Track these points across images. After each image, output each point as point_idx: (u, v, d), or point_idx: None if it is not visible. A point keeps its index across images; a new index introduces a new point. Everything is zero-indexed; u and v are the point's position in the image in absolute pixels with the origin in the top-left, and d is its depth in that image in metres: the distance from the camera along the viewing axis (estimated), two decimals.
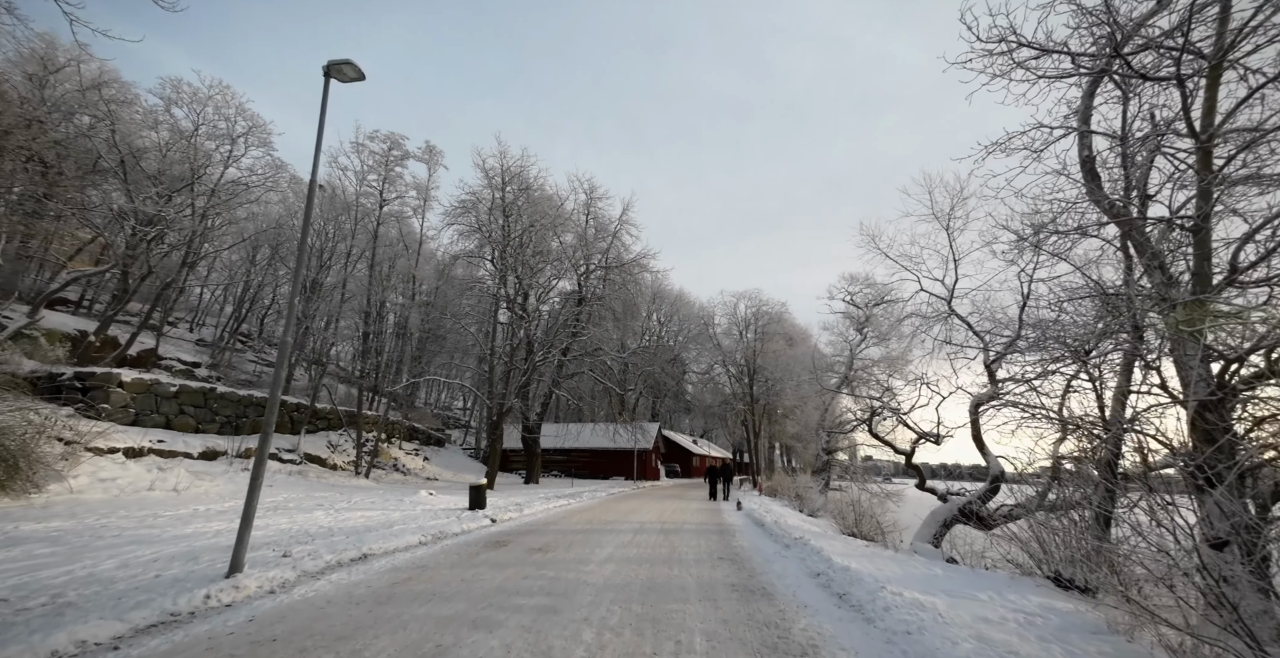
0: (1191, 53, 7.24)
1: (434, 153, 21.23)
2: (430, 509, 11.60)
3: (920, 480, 12.31)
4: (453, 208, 22.95)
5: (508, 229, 22.70)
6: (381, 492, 15.87)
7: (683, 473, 43.56)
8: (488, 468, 21.33)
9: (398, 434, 27.46)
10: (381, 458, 24.43)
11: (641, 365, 26.93)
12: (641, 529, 10.15)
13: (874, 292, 24.67)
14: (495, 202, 22.97)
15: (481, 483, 12.10)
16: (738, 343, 28.96)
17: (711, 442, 58.74)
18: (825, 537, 10.29)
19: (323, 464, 19.55)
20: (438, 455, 30.38)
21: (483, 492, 12.07)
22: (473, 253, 23.88)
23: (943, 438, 11.09)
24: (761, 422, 27.88)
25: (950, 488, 12.28)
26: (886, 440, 12.41)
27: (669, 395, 44.43)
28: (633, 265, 27.62)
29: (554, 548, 7.49)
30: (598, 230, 27.35)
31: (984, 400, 11.39)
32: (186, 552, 5.82)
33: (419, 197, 21.05)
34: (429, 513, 10.83)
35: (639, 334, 34.50)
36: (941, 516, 11.58)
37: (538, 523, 10.62)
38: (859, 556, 7.63)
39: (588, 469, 33.89)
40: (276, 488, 14.29)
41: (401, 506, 12.25)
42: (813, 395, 32.78)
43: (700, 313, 38.03)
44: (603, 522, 11.20)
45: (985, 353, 11.89)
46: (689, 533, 9.94)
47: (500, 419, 21.33)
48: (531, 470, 26.40)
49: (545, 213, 23.11)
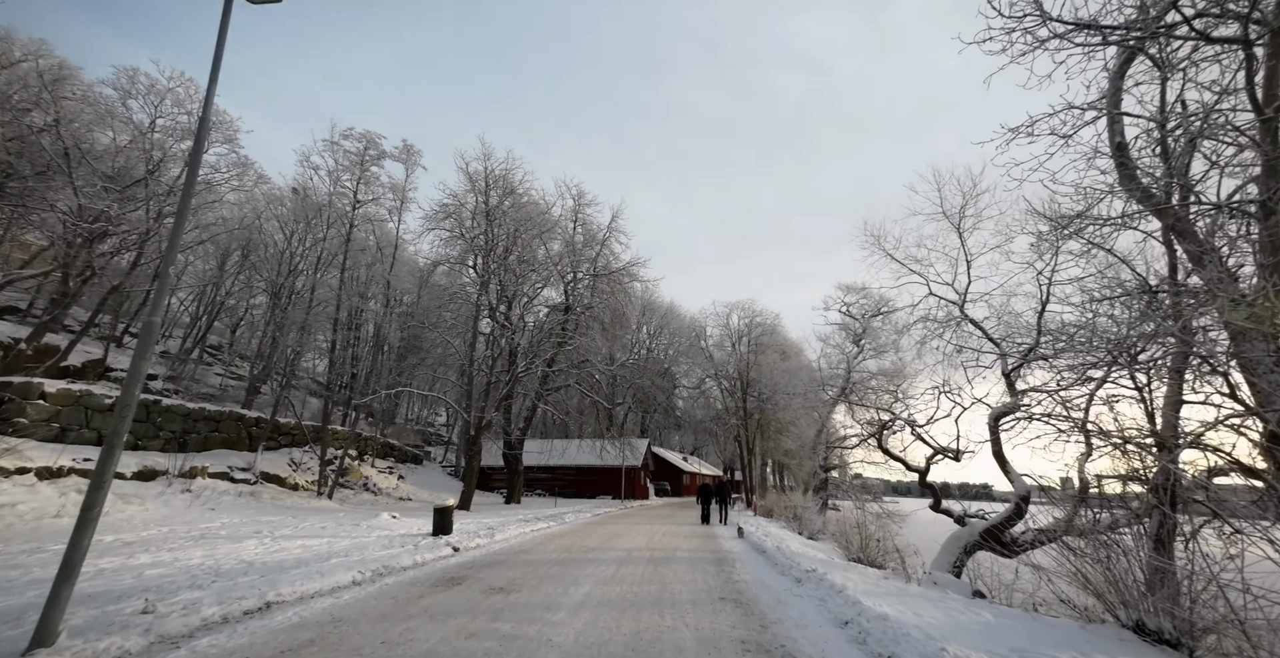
0: (1255, 21, 6.39)
1: (412, 152, 20.16)
2: (387, 535, 10.11)
3: (935, 501, 11.10)
4: (433, 212, 21.82)
5: (491, 235, 21.56)
6: (342, 515, 14.26)
7: (673, 491, 41.82)
8: (464, 487, 19.71)
9: (370, 451, 25.69)
10: (351, 477, 22.67)
11: (631, 378, 25.64)
12: (627, 559, 8.77)
13: (871, 303, 23.75)
14: (478, 206, 21.87)
15: (449, 504, 10.65)
16: (730, 355, 27.80)
17: (702, 459, 57.08)
18: (836, 566, 8.99)
19: (282, 484, 17.84)
20: (414, 474, 28.55)
21: (449, 515, 10.61)
22: (454, 259, 22.65)
23: (963, 453, 9.94)
24: (755, 437, 26.57)
25: (967, 509, 11.07)
26: (898, 456, 11.23)
27: (659, 410, 42.98)
28: (622, 274, 26.55)
29: (519, 587, 6.11)
30: (586, 238, 26.34)
31: (1004, 413, 10.29)
32: (18, 607, 4.39)
33: (395, 198, 19.88)
34: (383, 540, 9.35)
35: (628, 348, 33.25)
36: (962, 541, 10.34)
37: (508, 552, 9.18)
38: (884, 593, 6.35)
39: (573, 488, 32.15)
40: (219, 512, 12.65)
41: (356, 531, 10.73)
42: (807, 410, 31.63)
43: (691, 325, 36.94)
44: (583, 550, 9.79)
45: (1003, 361, 10.85)
46: (682, 563, 8.58)
47: (478, 434, 19.81)
48: (513, 489, 24.75)
49: (531, 218, 22.05)
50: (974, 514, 10.98)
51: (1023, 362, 10.66)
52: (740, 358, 27.22)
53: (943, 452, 10.01)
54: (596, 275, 24.84)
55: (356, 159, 19.19)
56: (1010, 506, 9.82)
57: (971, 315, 11.68)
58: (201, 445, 16.52)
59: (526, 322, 25.15)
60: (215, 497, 13.82)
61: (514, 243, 22.47)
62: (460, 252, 22.56)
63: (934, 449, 10.29)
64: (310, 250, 19.88)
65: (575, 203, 25.31)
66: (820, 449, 21.79)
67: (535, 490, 31.89)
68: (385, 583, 6.05)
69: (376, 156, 19.44)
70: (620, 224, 26.76)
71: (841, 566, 9.82)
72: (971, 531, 10.33)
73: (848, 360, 23.13)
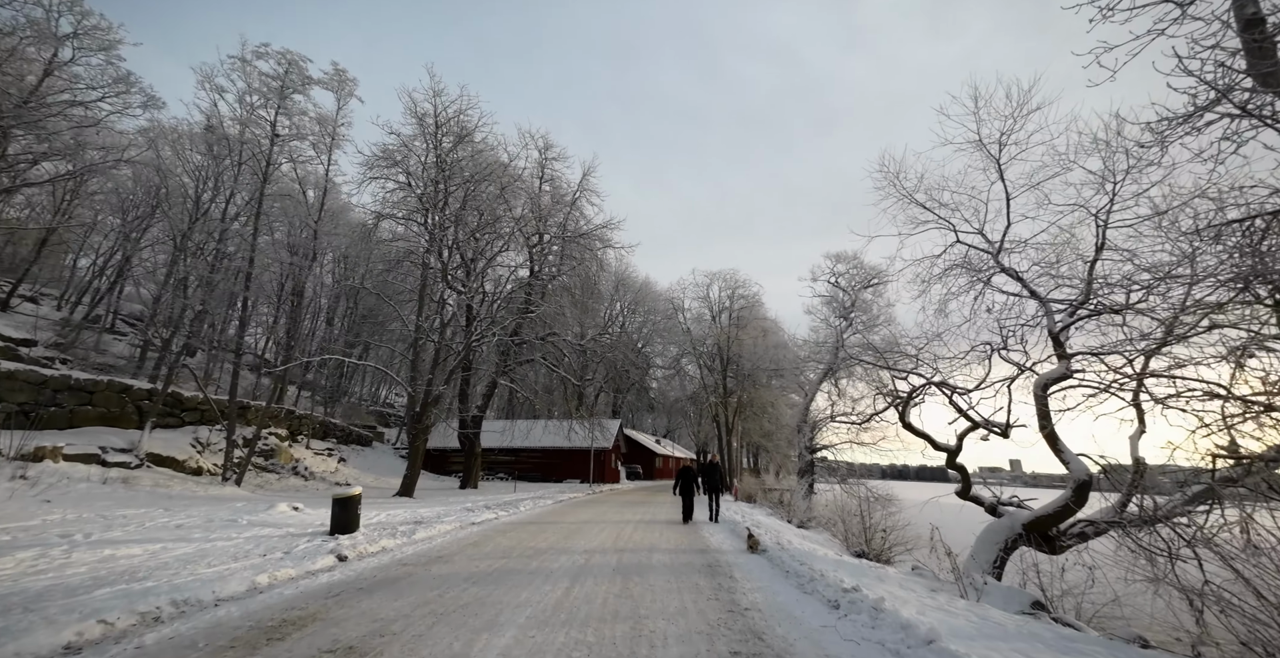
0: None
1: (345, 80, 16.73)
2: (262, 537, 7.36)
3: (965, 485, 9.01)
4: (375, 157, 18.45)
5: (442, 188, 18.42)
6: (241, 504, 11.27)
7: (645, 474, 39.77)
8: (406, 471, 16.89)
9: (306, 431, 22.47)
10: (279, 460, 19.53)
11: (603, 353, 23.06)
12: (585, 569, 6.30)
13: (862, 274, 21.78)
14: (429, 153, 18.64)
15: (352, 494, 7.93)
16: (710, 329, 25.50)
17: (675, 442, 55.32)
18: (865, 572, 6.75)
19: (179, 467, 14.67)
20: (360, 457, 25.46)
21: (352, 507, 7.91)
22: (401, 215, 19.40)
23: (1012, 428, 7.80)
24: (735, 417, 24.47)
25: (1000, 496, 9.02)
26: (923, 433, 9.05)
27: (632, 390, 40.66)
28: (593, 239, 23.74)
29: (386, 644, 3.54)
30: (555, 198, 23.36)
31: (1053, 379, 8.18)
32: None
33: (324, 132, 16.45)
34: (249, 545, 6.62)
35: (601, 323, 30.55)
36: (1001, 535, 8.28)
37: (422, 559, 6.58)
38: (944, 613, 4.08)
39: (539, 471, 29.60)
40: (57, 504, 9.57)
41: (229, 529, 7.92)
42: (784, 391, 29.76)
43: (668, 302, 34.23)
44: (529, 553, 7.27)
45: (1048, 318, 8.73)
46: (661, 573, 6.17)
47: (425, 410, 16.95)
48: (469, 473, 22.02)
49: (489, 170, 18.97)
50: (1008, 502, 8.94)
51: (1076, 318, 8.56)
52: (721, 331, 24.94)
53: (987, 426, 7.87)
54: (565, 238, 21.98)
55: (275, 85, 15.70)
56: (1066, 492, 7.75)
57: (1009, 266, 9.51)
58: (67, 421, 13.21)
59: (486, 289, 22.17)
60: (65, 484, 10.69)
61: (470, 198, 19.38)
62: (408, 207, 19.32)
63: (972, 422, 8.14)
64: (220, 194, 16.39)
65: (541, 155, 22.33)
66: (805, 430, 19.80)
67: (497, 474, 29.21)
68: (140, 643, 3.37)
69: (300, 83, 15.99)
70: (593, 183, 23.93)
71: (856, 566, 7.61)
72: (1012, 523, 8.27)
73: (836, 334, 21.14)
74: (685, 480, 11.98)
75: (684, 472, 12.06)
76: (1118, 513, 8.38)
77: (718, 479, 12.26)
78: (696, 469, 12.45)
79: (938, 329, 10.15)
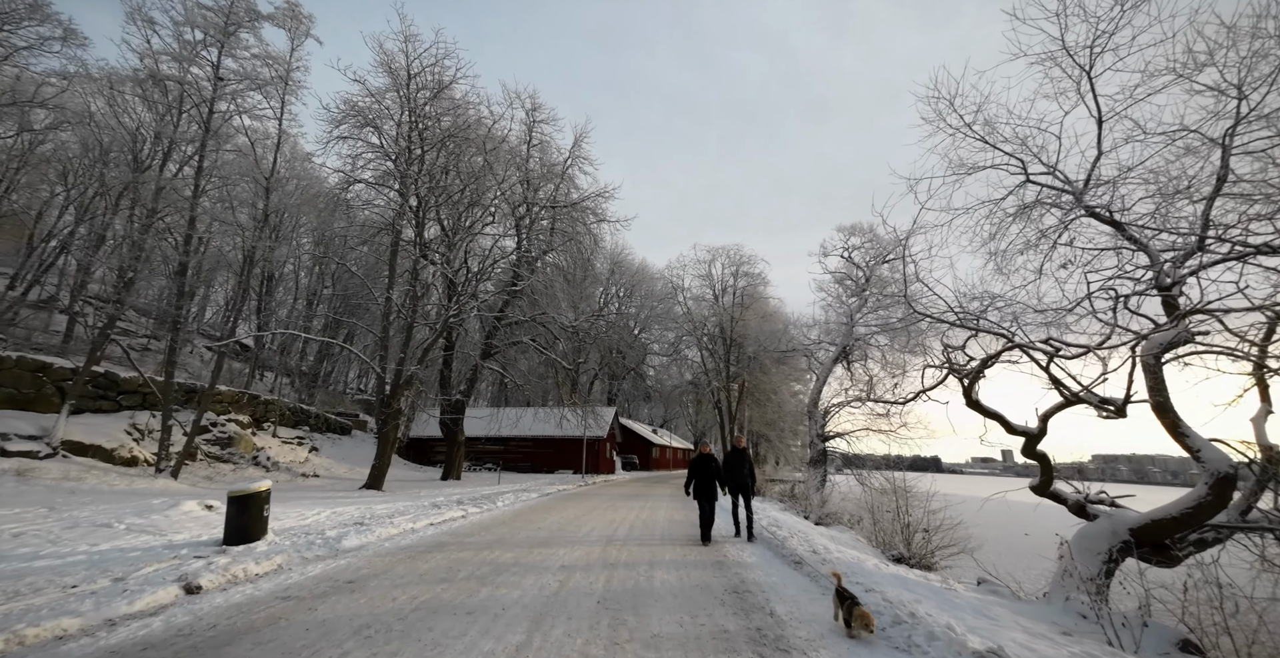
0: None
1: (299, 16, 14.38)
2: (122, 549, 5.31)
3: (1045, 479, 7.03)
4: (341, 113, 16.16)
5: (418, 146, 16.19)
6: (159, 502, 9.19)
7: (641, 465, 37.90)
8: (375, 461, 14.85)
9: (273, 417, 20.36)
10: (238, 449, 17.43)
11: (597, 335, 20.99)
12: (553, 604, 4.26)
13: (877, 248, 19.74)
14: (403, 110, 16.37)
15: (255, 490, 5.87)
16: (712, 309, 23.43)
17: (673, 432, 53.51)
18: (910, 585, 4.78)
19: (106, 457, 12.57)
20: (336, 446, 23.39)
21: (254, 506, 5.87)
22: (372, 179, 17.14)
23: (1128, 404, 5.79)
24: (740, 404, 22.48)
25: (1087, 492, 7.05)
26: (994, 412, 7.05)
27: (628, 377, 38.62)
28: (586, 212, 21.56)
29: None
30: (544, 165, 21.11)
31: (1168, 344, 6.17)
32: None
33: (275, 73, 14.12)
34: (86, 566, 4.58)
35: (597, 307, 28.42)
36: (1103, 543, 6.30)
37: (328, 581, 4.54)
38: None
39: (529, 461, 27.62)
40: None
41: (94, 536, 5.89)
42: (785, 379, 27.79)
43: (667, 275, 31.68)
44: (485, 570, 5.24)
45: (1155, 270, 6.70)
46: (667, 605, 4.15)
47: (395, 394, 14.86)
48: (450, 464, 20.02)
49: (467, 122, 16.75)
50: (1096, 499, 6.97)
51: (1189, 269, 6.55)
52: (724, 311, 22.88)
53: (1100, 405, 5.86)
54: (556, 206, 19.81)
55: (218, 20, 13.37)
56: (1199, 490, 5.78)
57: (1098, 207, 7.45)
58: None
59: (470, 267, 20.02)
60: None
61: (450, 160, 17.16)
62: (380, 169, 17.07)
63: (1069, 397, 6.11)
64: (159, 147, 14.11)
65: (529, 116, 20.01)
66: (817, 416, 17.84)
67: (485, 465, 27.21)
68: None
69: (247, 17, 13.67)
70: (586, 151, 21.66)
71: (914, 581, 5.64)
72: (1114, 528, 6.30)
73: (849, 314, 19.13)
74: (703, 476, 7.58)
75: (700, 462, 7.69)
76: (1241, 514, 6.49)
77: (748, 474, 7.94)
78: (721, 463, 7.96)
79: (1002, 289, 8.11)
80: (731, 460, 7.99)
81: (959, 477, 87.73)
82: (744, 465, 7.92)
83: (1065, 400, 6.34)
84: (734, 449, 8.20)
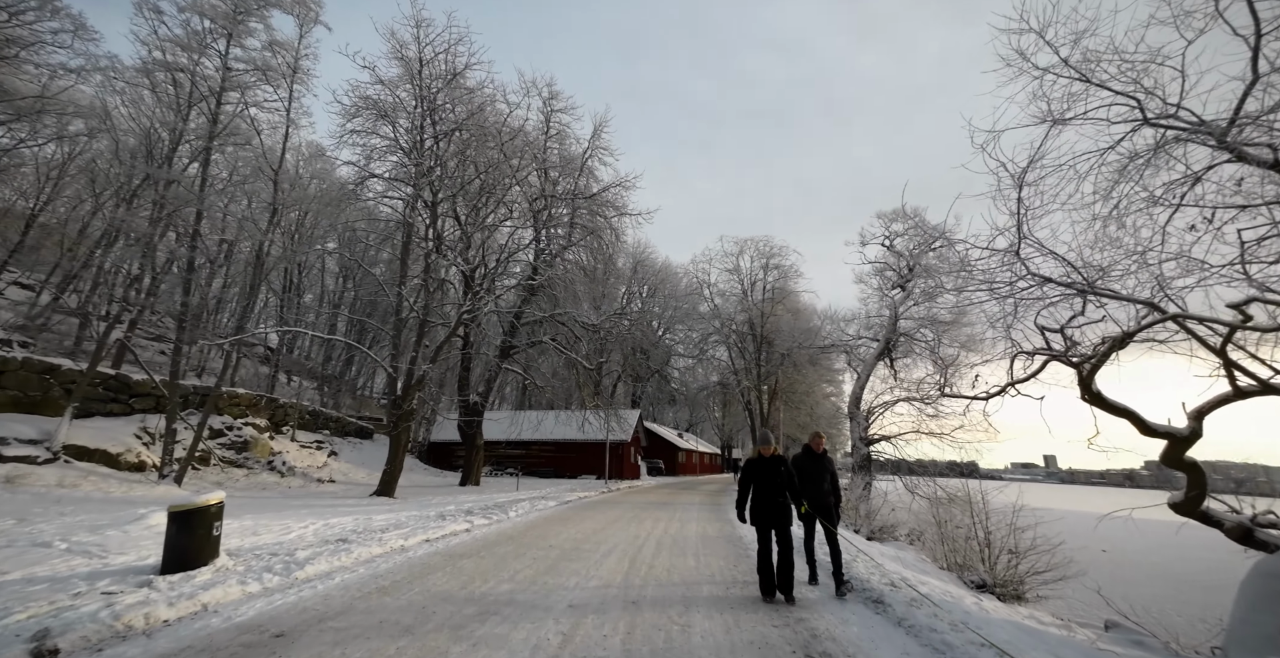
0: None
1: (308, 2, 13.75)
2: (30, 580, 4.25)
3: (1194, 493, 5.35)
4: (355, 106, 15.48)
5: (432, 138, 15.36)
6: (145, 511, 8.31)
7: (667, 470, 36.35)
8: (386, 466, 13.89)
9: (292, 421, 19.78)
10: (254, 453, 16.80)
11: (620, 334, 19.76)
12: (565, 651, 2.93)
13: (923, 235, 17.93)
14: (418, 103, 15.58)
15: (199, 505, 4.79)
16: (740, 305, 21.90)
17: (698, 436, 51.76)
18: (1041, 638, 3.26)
19: (111, 462, 11.95)
20: (357, 451, 22.74)
21: (199, 526, 4.77)
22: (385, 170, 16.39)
23: None
24: (773, 405, 20.82)
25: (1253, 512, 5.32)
26: (1122, 407, 5.45)
27: (652, 379, 37.23)
28: (606, 205, 20.40)
29: None
30: (562, 156, 20.09)
31: None
32: None
33: (285, 62, 13.46)
34: None
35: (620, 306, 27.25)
36: None
37: (255, 630, 3.34)
38: None
39: (551, 466, 26.49)
40: None
41: (28, 555, 4.89)
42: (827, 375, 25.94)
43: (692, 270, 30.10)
44: (473, 608, 3.97)
45: None
46: None
47: (406, 394, 13.91)
48: (469, 469, 19.02)
49: (481, 108, 15.84)
50: (1266, 521, 5.25)
51: None
52: (753, 306, 21.31)
53: None
54: (575, 196, 18.72)
55: (224, 8, 12.83)
56: None
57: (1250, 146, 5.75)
58: None
59: (487, 262, 19.09)
60: None
61: (465, 152, 16.25)
62: (393, 162, 16.30)
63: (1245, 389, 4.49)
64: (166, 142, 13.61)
65: (545, 105, 19.03)
66: (860, 418, 16.11)
67: (506, 470, 26.20)
68: None
69: (257, 4, 13.10)
70: (606, 141, 20.55)
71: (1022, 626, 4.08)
72: None
73: (893, 307, 17.39)
74: (767, 489, 4.90)
75: (761, 468, 4.97)
76: None
77: (829, 488, 5.51)
78: (791, 471, 5.05)
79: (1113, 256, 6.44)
80: (805, 467, 5.45)
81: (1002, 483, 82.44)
82: (824, 476, 5.52)
83: (1237, 392, 4.69)
84: (808, 452, 5.71)
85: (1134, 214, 6.72)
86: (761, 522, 4.89)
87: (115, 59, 13.38)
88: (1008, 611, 5.58)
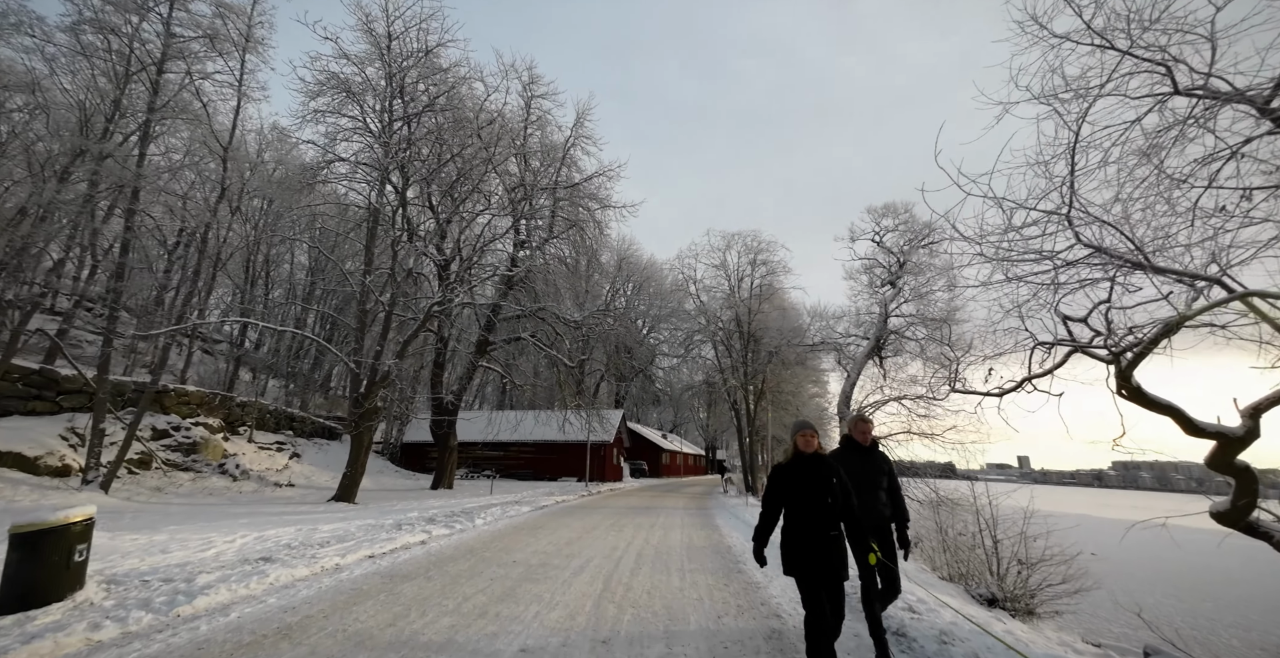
0: None
1: None
2: None
3: (1244, 502, 4.65)
4: (319, 84, 14.32)
5: (402, 122, 14.28)
6: None
7: (650, 472, 35.46)
8: (346, 470, 12.73)
9: (250, 421, 18.37)
10: (204, 455, 15.42)
11: (603, 332, 18.86)
12: None
13: (913, 231, 17.41)
14: (388, 83, 14.48)
15: (49, 524, 3.76)
16: (727, 301, 21.19)
17: (683, 437, 51.03)
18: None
19: (27, 466, 10.58)
20: (322, 452, 21.34)
21: (57, 547, 3.75)
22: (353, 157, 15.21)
23: None
24: (760, 404, 20.12)
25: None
26: (1166, 403, 4.72)
27: (636, 379, 36.36)
28: (588, 198, 19.51)
29: None
30: (543, 144, 19.13)
31: None
32: None
33: (236, 28, 12.26)
34: None
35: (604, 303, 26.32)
36: None
37: None
38: None
39: (530, 468, 25.36)
40: None
41: None
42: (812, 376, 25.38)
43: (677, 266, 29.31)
44: (394, 656, 3.00)
45: None
46: None
47: (369, 392, 12.76)
48: (442, 472, 17.89)
49: (454, 87, 14.81)
50: None
51: None
52: (740, 302, 20.61)
53: None
54: (557, 186, 17.77)
55: None
56: None
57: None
58: None
59: (462, 252, 18.00)
60: None
61: (436, 135, 15.18)
62: (359, 143, 15.15)
63: None
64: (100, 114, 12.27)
65: (525, 90, 18.05)
66: (850, 416, 15.42)
67: (484, 472, 25.00)
68: None
69: None
70: (589, 130, 19.65)
71: None
72: None
73: (883, 304, 16.80)
74: (809, 517, 2.86)
75: (795, 478, 2.94)
76: None
77: (885, 502, 3.62)
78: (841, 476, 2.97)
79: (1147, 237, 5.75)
80: (851, 470, 3.35)
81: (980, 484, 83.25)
82: (879, 480, 3.63)
83: None
84: (850, 446, 3.79)
85: (1159, 193, 6.07)
86: (807, 570, 2.80)
87: (39, 19, 11.95)
88: (1039, 637, 4.82)
